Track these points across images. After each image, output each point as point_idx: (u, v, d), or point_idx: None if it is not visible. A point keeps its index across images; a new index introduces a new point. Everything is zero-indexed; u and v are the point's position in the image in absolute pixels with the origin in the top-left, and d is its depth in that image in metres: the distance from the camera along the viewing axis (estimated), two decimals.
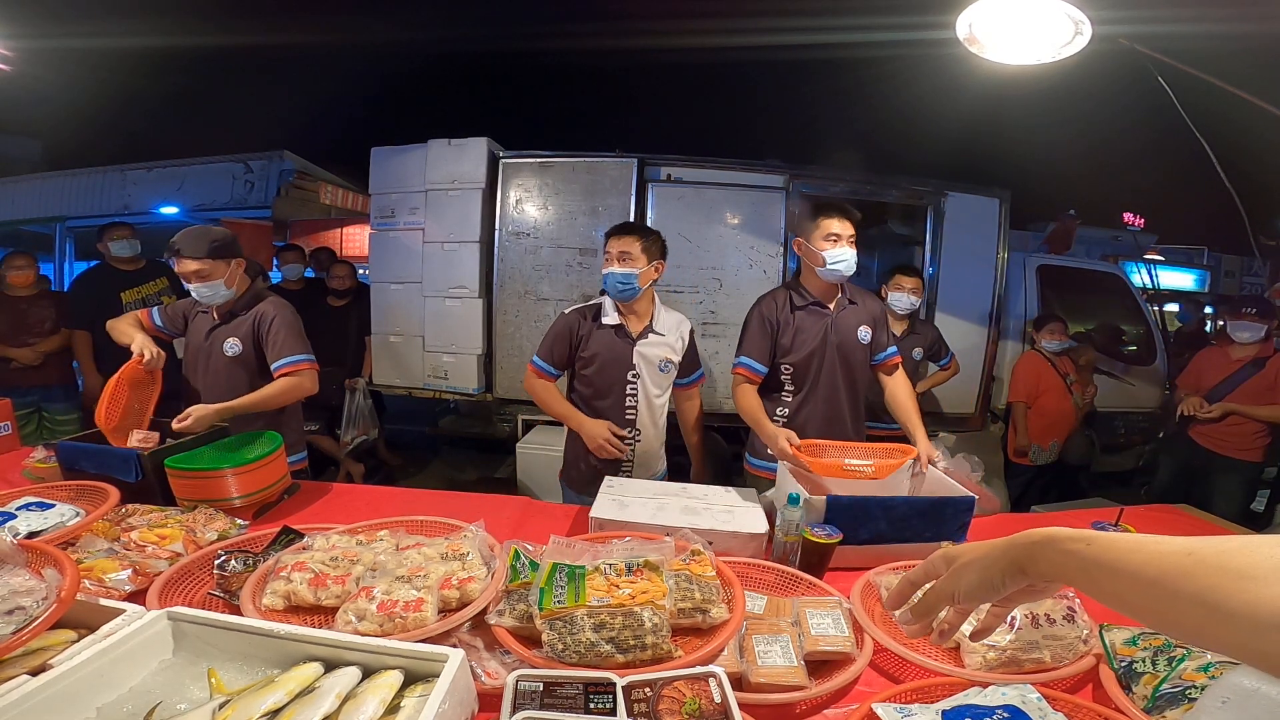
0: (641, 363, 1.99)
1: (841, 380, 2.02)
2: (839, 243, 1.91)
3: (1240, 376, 3.08)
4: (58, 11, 3.53)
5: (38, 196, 6.29)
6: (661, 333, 2.03)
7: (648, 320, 2.02)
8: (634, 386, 2.00)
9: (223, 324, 2.04)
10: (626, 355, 1.98)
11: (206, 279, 1.94)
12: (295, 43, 4.85)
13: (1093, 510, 1.97)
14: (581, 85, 8.12)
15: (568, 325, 2.00)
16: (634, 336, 1.99)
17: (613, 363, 1.98)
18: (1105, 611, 1.27)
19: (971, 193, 3.87)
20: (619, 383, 1.99)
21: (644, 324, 2.01)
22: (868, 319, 2.05)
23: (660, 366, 2.03)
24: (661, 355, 2.02)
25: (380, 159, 3.84)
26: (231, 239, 2.00)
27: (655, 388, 2.04)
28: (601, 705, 0.82)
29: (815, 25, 3.27)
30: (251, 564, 1.19)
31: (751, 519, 1.50)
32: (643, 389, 2.01)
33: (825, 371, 2.01)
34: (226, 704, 0.79)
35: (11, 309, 3.28)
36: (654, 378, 2.03)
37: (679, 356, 2.08)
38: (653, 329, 2.02)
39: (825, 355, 2.00)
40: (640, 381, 2.01)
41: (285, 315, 2.04)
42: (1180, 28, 2.16)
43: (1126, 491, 4.30)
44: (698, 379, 2.20)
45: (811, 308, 2.01)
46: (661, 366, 2.03)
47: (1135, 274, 5.52)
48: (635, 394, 2.01)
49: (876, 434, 2.16)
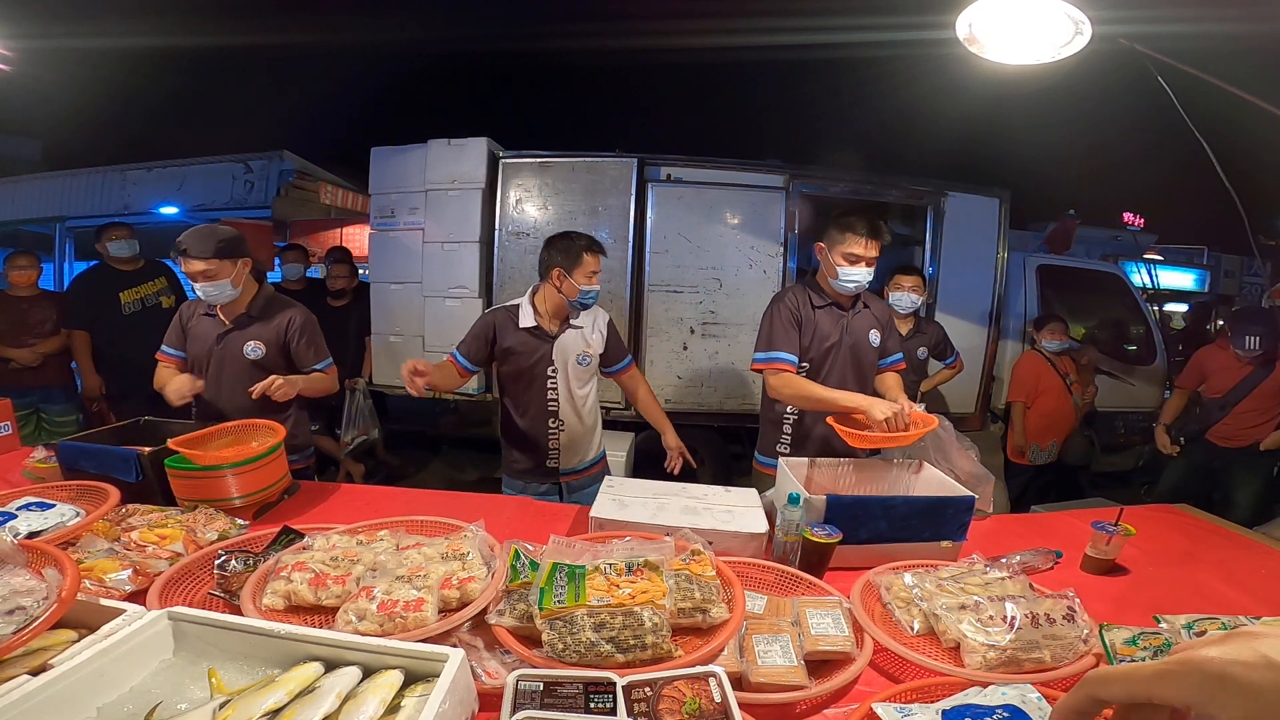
0: (559, 358, 2.10)
1: (852, 381, 2.03)
2: (858, 264, 1.92)
3: (1254, 379, 3.13)
4: (58, 11, 3.53)
5: (38, 196, 6.28)
6: (578, 325, 2.13)
7: (564, 317, 2.12)
8: (554, 381, 2.11)
9: (237, 328, 2.05)
10: (545, 352, 2.09)
11: (213, 279, 1.95)
12: (295, 43, 4.85)
13: (1093, 510, 1.97)
14: (581, 85, 8.12)
15: (487, 325, 2.10)
16: (551, 335, 2.09)
17: (532, 360, 2.08)
18: (1105, 611, 1.27)
19: (971, 193, 3.87)
20: (540, 378, 2.10)
21: (561, 321, 2.12)
22: (878, 323, 2.09)
23: (578, 360, 2.13)
24: (579, 349, 2.12)
25: (380, 159, 3.84)
26: (238, 238, 2.01)
27: (576, 381, 2.14)
28: (601, 705, 0.82)
29: (815, 25, 3.27)
30: (252, 564, 1.19)
31: (751, 519, 1.50)
32: (563, 383, 2.12)
33: (837, 371, 2.02)
34: (227, 704, 0.79)
35: (12, 309, 3.28)
36: (573, 371, 2.13)
37: (597, 349, 2.17)
38: (570, 324, 2.12)
39: (839, 355, 2.02)
40: (560, 376, 2.11)
41: (312, 323, 2.15)
42: (1180, 28, 2.16)
43: (1126, 491, 4.30)
44: (628, 365, 2.29)
45: (830, 308, 2.03)
46: (580, 360, 2.13)
47: (1135, 274, 5.52)
48: (555, 388, 2.11)
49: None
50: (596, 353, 2.16)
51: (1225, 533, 1.83)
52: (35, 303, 3.35)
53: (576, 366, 2.12)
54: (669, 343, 3.68)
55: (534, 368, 2.08)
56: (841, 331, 2.02)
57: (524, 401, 2.12)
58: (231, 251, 1.97)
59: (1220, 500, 3.19)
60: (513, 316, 2.09)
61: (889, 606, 1.20)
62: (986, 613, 1.08)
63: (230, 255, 1.96)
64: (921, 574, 1.26)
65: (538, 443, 2.15)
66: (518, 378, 2.11)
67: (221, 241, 1.94)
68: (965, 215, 3.85)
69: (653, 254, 3.60)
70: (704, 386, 3.70)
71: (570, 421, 2.15)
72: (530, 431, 2.14)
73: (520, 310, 2.09)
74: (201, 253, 1.90)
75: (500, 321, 2.09)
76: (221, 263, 1.94)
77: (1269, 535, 1.82)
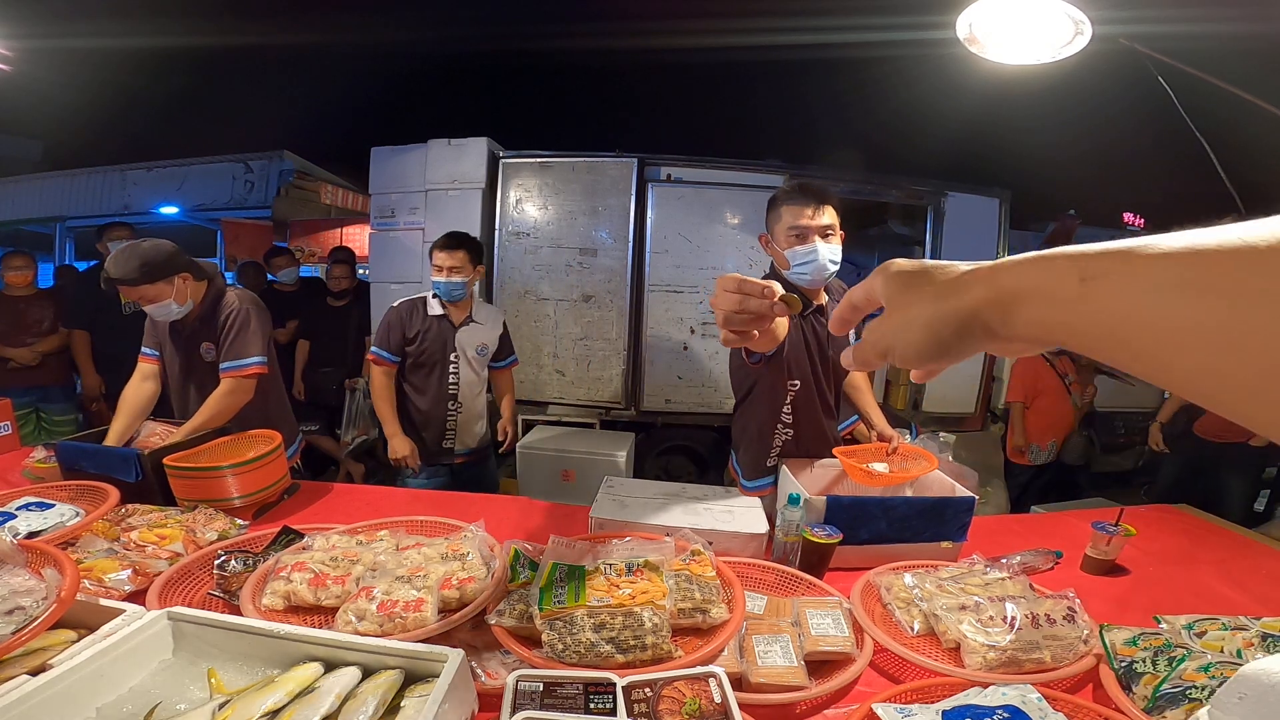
0: (461, 346, 2.35)
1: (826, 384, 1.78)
2: (809, 237, 1.56)
3: None
4: (58, 11, 3.53)
5: (38, 196, 6.28)
6: (480, 321, 2.41)
7: (468, 311, 2.38)
8: (455, 366, 2.36)
9: (193, 331, 1.96)
10: (449, 339, 2.34)
11: (153, 301, 1.80)
12: (295, 43, 4.85)
13: (1093, 510, 1.97)
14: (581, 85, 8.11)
15: (399, 315, 2.31)
16: (456, 325, 2.35)
17: (437, 346, 2.33)
18: (1105, 611, 1.27)
19: (971, 193, 3.87)
20: (442, 363, 2.34)
21: (465, 314, 2.38)
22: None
23: (477, 350, 2.40)
24: (479, 340, 2.40)
25: (380, 159, 3.84)
26: (166, 255, 1.79)
27: (472, 368, 2.41)
28: (601, 705, 0.82)
29: (815, 25, 3.27)
30: (251, 564, 1.19)
31: (751, 519, 1.50)
32: (462, 368, 2.37)
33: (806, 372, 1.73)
34: (226, 704, 0.79)
35: (10, 309, 3.28)
36: (472, 359, 2.40)
37: (494, 345, 2.47)
38: (473, 319, 2.39)
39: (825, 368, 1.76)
40: (460, 362, 2.36)
41: (244, 311, 1.93)
42: (1180, 28, 2.16)
43: (1126, 491, 4.30)
44: (511, 363, 2.62)
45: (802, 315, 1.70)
46: (479, 350, 2.41)
47: None
48: (456, 372, 2.37)
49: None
50: (493, 347, 2.47)
51: (1225, 533, 1.83)
52: (32, 302, 3.35)
53: (476, 356, 2.40)
54: (669, 343, 3.68)
55: (439, 352, 2.32)
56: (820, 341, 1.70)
57: (427, 384, 2.35)
58: (161, 271, 1.77)
59: (1211, 495, 3.18)
60: (420, 307, 2.33)
61: (889, 607, 1.20)
62: (987, 613, 1.08)
63: (160, 275, 1.78)
64: (922, 574, 1.26)
65: (437, 424, 2.37)
66: (423, 362, 2.32)
67: (145, 265, 1.74)
68: (965, 215, 3.85)
69: (653, 254, 3.60)
70: (704, 386, 3.69)
71: (467, 404, 2.41)
72: (432, 413, 2.36)
73: (428, 302, 2.33)
74: (128, 280, 1.74)
75: (407, 311, 2.32)
76: (154, 286, 1.77)
77: (1269, 535, 1.82)
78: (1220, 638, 1.01)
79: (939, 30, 1.89)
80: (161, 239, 1.86)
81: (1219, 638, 1.01)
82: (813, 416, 1.76)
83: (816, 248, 1.56)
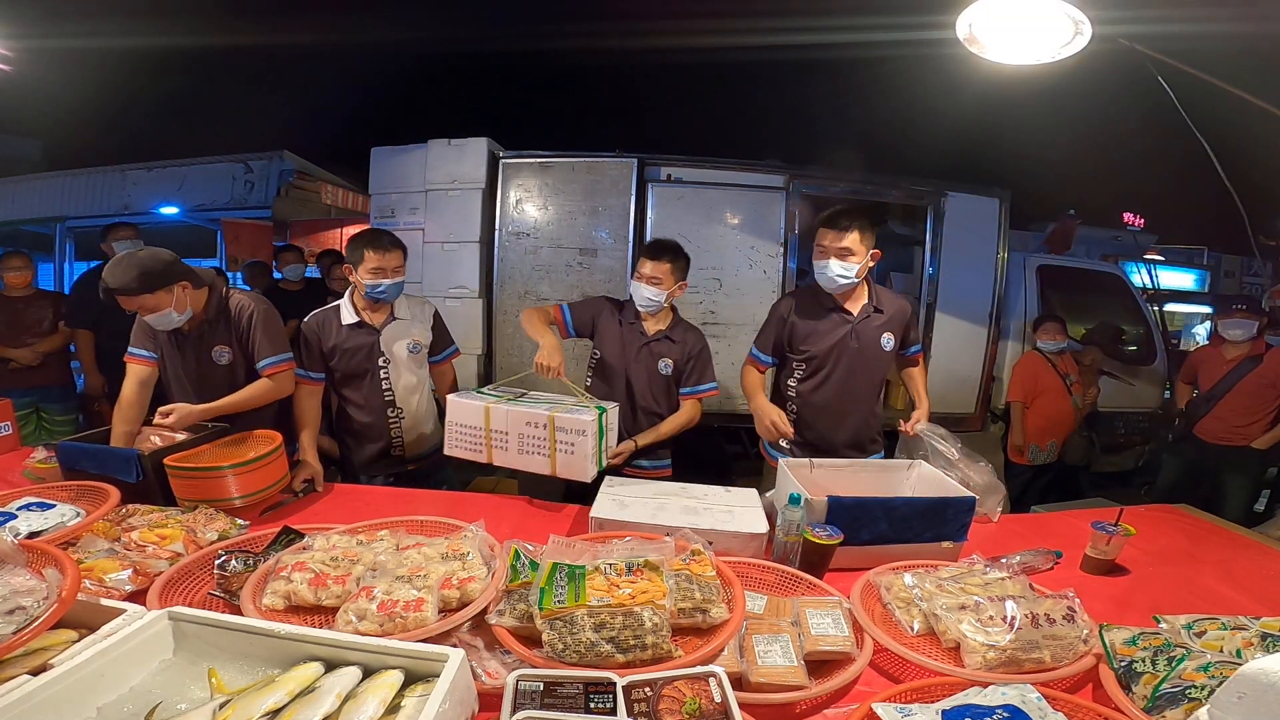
0: (389, 349, 2.11)
1: (859, 383, 2.06)
2: (826, 255, 1.94)
3: (1238, 373, 3.11)
4: (58, 11, 3.52)
5: (38, 196, 6.28)
6: (403, 317, 2.14)
7: (388, 311, 2.13)
8: (386, 371, 2.12)
9: (200, 335, 1.94)
10: (372, 344, 2.09)
11: (153, 310, 1.78)
12: (295, 43, 4.84)
13: (1093, 510, 1.97)
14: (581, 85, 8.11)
15: (311, 330, 2.08)
16: (377, 327, 2.10)
17: (360, 355, 2.09)
18: (1105, 611, 1.27)
19: (971, 193, 3.87)
20: (371, 371, 2.11)
21: (384, 315, 2.12)
22: (892, 325, 2.06)
23: (409, 348, 2.15)
24: (408, 338, 2.14)
25: (380, 159, 3.84)
26: (164, 264, 1.78)
27: (408, 368, 2.16)
28: (601, 705, 0.82)
29: (815, 25, 3.27)
30: (252, 564, 1.19)
31: (751, 519, 1.50)
32: (395, 372, 2.13)
33: (839, 374, 2.05)
34: (227, 704, 0.79)
35: (8, 310, 3.28)
36: (405, 360, 2.15)
37: (426, 339, 2.19)
38: (395, 316, 2.13)
39: (843, 358, 2.03)
40: (392, 365, 2.13)
41: (261, 313, 1.98)
42: (1180, 28, 2.16)
43: (1126, 491, 4.30)
44: (449, 354, 2.30)
45: (832, 313, 2.04)
46: (410, 348, 2.15)
47: (1135, 274, 5.52)
48: (389, 378, 2.13)
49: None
50: (425, 340, 2.20)
51: (1225, 533, 1.83)
52: (31, 302, 3.34)
53: (408, 355, 2.15)
54: None
55: (365, 361, 2.10)
56: (846, 337, 2.02)
57: (359, 396, 2.13)
58: (159, 280, 1.76)
59: (1213, 497, 3.17)
60: (333, 316, 2.10)
61: (889, 607, 1.20)
62: (986, 613, 1.08)
63: (159, 285, 1.76)
64: (921, 574, 1.26)
65: (380, 434, 2.16)
66: (350, 373, 2.11)
67: (143, 274, 1.73)
68: (965, 215, 3.84)
69: None
70: None
71: (410, 409, 2.18)
72: (372, 424, 2.15)
73: (341, 309, 2.10)
74: (125, 290, 1.72)
75: (319, 324, 2.09)
76: (153, 295, 1.75)
77: (1269, 535, 1.82)
78: (1220, 637, 1.01)
79: (939, 30, 1.89)
80: (160, 248, 1.85)
81: (1218, 637, 1.01)
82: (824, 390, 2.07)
83: (829, 264, 1.94)
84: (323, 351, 2.08)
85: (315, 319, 2.10)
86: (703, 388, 2.16)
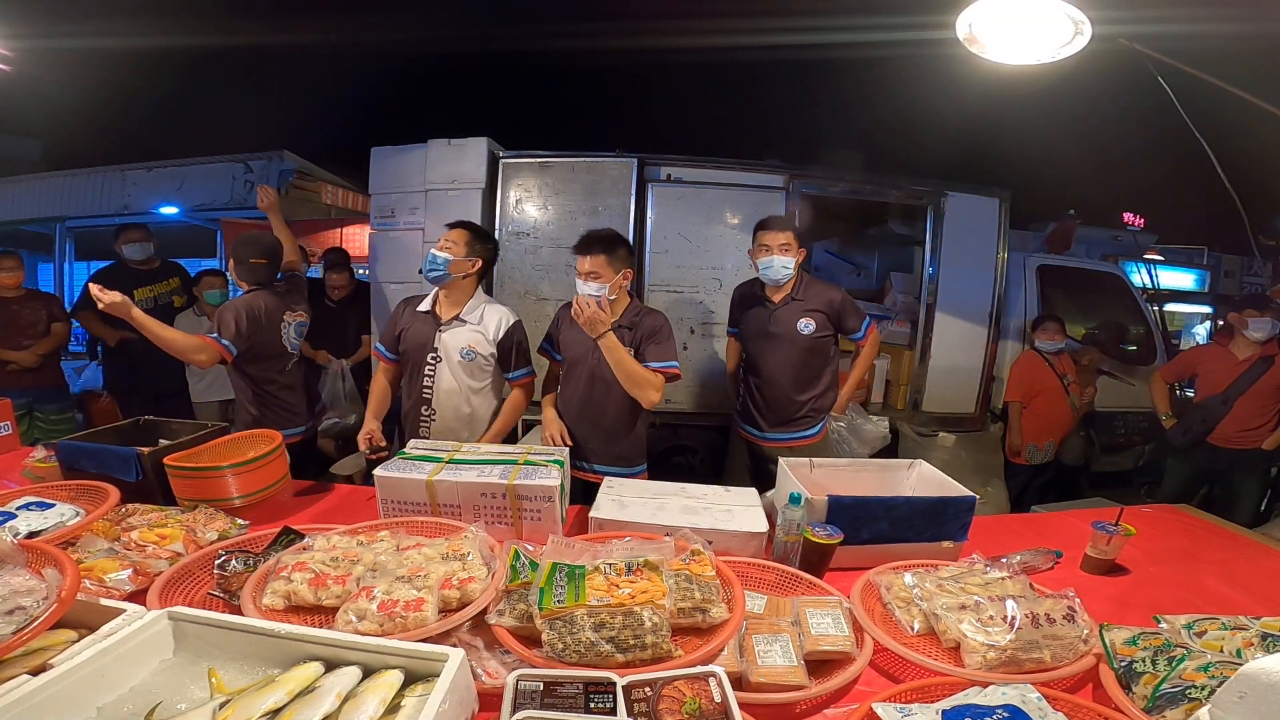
0: (442, 347, 2.09)
1: (788, 368, 2.32)
2: (769, 253, 2.24)
3: (1252, 374, 3.04)
4: (58, 11, 3.52)
5: (38, 196, 6.27)
6: (468, 321, 2.11)
7: (458, 310, 2.11)
8: (432, 368, 2.11)
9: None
10: (430, 337, 2.10)
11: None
12: (295, 43, 4.84)
13: (1093, 510, 1.97)
14: (581, 85, 8.11)
15: (398, 310, 2.21)
16: (441, 322, 2.10)
17: (418, 343, 2.11)
18: (1105, 611, 1.27)
19: (971, 193, 3.87)
20: (421, 362, 2.11)
21: (454, 313, 2.11)
22: (812, 311, 2.30)
23: (462, 353, 2.09)
24: (464, 343, 2.09)
25: (380, 159, 3.83)
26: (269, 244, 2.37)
27: (454, 372, 2.10)
28: (601, 705, 0.82)
29: (816, 25, 3.27)
30: (252, 564, 1.19)
31: (751, 518, 1.50)
32: (440, 371, 2.10)
33: (769, 359, 2.35)
34: (227, 704, 0.79)
35: (2, 311, 3.27)
36: (455, 362, 2.10)
37: (488, 348, 2.12)
38: (460, 318, 2.10)
39: (768, 344, 2.35)
40: (440, 364, 2.10)
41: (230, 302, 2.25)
42: (1180, 28, 2.16)
43: (1126, 491, 4.29)
44: (521, 376, 2.20)
45: (758, 304, 2.39)
46: (463, 353, 2.09)
47: (1135, 274, 5.51)
48: (433, 374, 2.11)
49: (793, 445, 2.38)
50: (485, 352, 2.11)
51: (1225, 533, 1.83)
52: (25, 303, 3.34)
53: (459, 359, 2.09)
54: None
55: (419, 352, 2.10)
56: (765, 323, 2.33)
57: (407, 384, 2.17)
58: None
59: (1222, 503, 3.15)
60: (418, 300, 2.18)
61: (889, 606, 1.20)
62: (987, 613, 1.08)
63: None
64: (922, 574, 1.26)
65: (411, 429, 2.15)
66: (407, 360, 2.15)
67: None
68: (965, 215, 3.84)
69: (653, 254, 3.59)
70: (704, 386, 3.69)
71: (444, 413, 2.13)
72: (407, 414, 2.17)
73: (426, 298, 2.16)
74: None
75: (405, 303, 2.21)
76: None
77: (1269, 535, 1.82)
78: (1220, 637, 1.01)
79: (939, 30, 1.89)
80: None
81: (1219, 637, 1.01)
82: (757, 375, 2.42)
83: (777, 261, 2.25)
84: (394, 332, 2.17)
85: (406, 299, 2.23)
86: (659, 365, 2.00)
